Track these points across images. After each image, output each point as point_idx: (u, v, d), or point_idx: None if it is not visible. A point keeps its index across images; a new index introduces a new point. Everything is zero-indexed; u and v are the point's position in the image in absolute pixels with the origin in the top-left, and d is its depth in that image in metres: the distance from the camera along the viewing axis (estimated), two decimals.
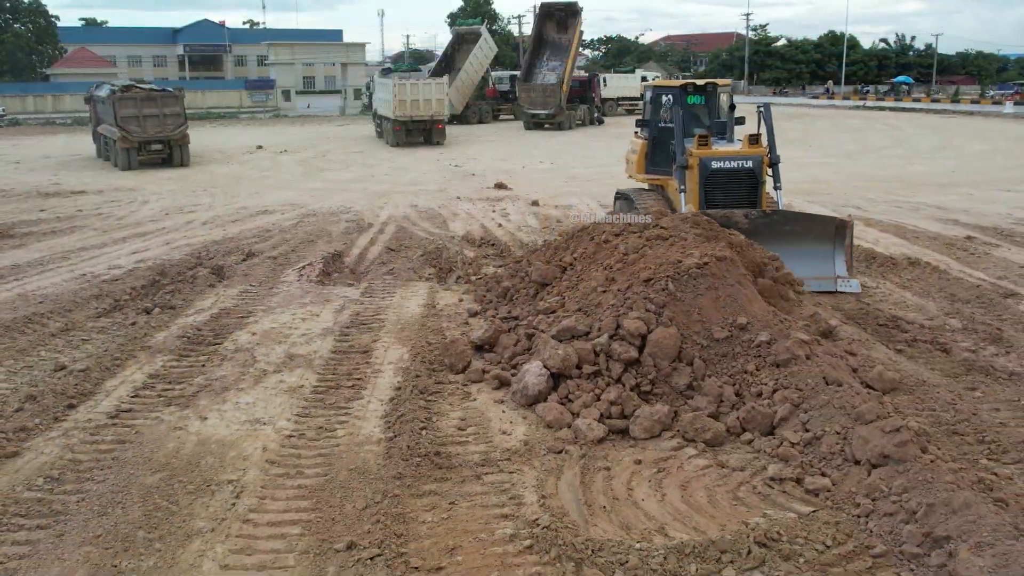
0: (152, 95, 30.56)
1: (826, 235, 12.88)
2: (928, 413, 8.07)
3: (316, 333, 10.82)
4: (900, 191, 23.63)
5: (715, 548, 5.77)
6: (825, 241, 12.85)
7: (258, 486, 6.80)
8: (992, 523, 5.62)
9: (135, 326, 11.16)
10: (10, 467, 7.17)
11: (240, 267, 14.44)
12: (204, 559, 5.79)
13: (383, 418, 8.09)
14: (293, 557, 5.81)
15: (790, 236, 12.54)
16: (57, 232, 18.27)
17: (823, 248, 12.80)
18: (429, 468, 7.05)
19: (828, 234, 12.88)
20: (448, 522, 6.26)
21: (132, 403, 8.55)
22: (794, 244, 12.39)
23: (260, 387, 8.98)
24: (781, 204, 13.91)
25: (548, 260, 11.48)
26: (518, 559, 5.78)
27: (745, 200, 13.50)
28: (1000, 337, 10.46)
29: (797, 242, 12.49)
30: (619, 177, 25.62)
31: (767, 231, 12.38)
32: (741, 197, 13.51)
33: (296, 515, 6.36)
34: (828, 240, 12.85)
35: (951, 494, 6.00)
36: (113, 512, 6.38)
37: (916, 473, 6.33)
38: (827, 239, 12.86)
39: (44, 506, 6.52)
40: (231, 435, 7.77)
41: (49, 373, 9.38)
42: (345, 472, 6.99)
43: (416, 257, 15.05)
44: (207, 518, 6.31)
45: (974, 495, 6.02)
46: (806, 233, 12.81)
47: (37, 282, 13.60)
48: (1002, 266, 14.35)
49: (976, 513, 5.76)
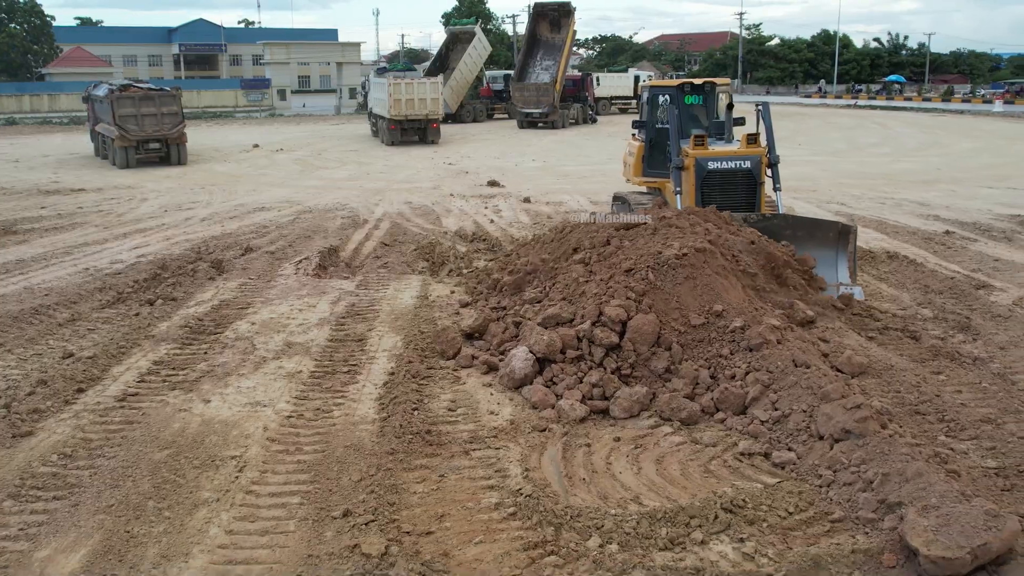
0: (150, 94, 30.96)
1: (828, 240, 12.22)
2: (893, 395, 8.54)
3: (313, 323, 11.27)
4: (884, 188, 24.12)
5: (685, 514, 6.22)
6: (827, 247, 12.17)
7: (260, 461, 7.24)
8: (941, 490, 6.07)
9: (139, 316, 11.60)
10: (25, 445, 7.60)
11: (239, 261, 14.87)
12: (210, 525, 6.23)
13: (377, 400, 8.54)
14: (293, 523, 6.25)
15: (790, 241, 11.76)
16: (59, 228, 18.68)
17: (825, 254, 12.08)
18: (420, 445, 7.50)
19: (830, 239, 12.23)
20: (437, 493, 6.71)
21: (138, 387, 9.00)
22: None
23: (260, 373, 9.43)
24: (781, 206, 13.75)
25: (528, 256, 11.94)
26: (502, 525, 6.23)
27: (743, 202, 13.20)
28: (968, 325, 10.93)
29: (798, 247, 11.72)
30: (611, 175, 26.12)
31: (766, 235, 11.52)
32: (739, 199, 13.20)
33: (296, 487, 6.80)
34: (830, 246, 12.20)
35: (905, 464, 6.46)
36: (124, 485, 6.82)
37: (874, 446, 6.78)
38: (829, 245, 12.20)
39: (59, 480, 6.96)
40: (233, 416, 8.22)
41: (58, 360, 9.81)
42: (341, 449, 7.44)
43: (410, 252, 15.51)
44: (212, 490, 6.76)
45: (927, 465, 6.47)
46: (807, 238, 12.10)
47: (42, 276, 14.02)
48: (977, 259, 14.84)
49: (927, 481, 6.22)
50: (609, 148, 36.75)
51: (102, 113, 32.59)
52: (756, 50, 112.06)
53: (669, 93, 14.89)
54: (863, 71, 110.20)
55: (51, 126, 56.37)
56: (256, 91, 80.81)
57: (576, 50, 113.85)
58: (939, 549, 5.37)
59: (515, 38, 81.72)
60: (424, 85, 39.87)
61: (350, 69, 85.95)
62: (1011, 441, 7.49)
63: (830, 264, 12.13)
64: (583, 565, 5.68)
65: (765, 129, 13.74)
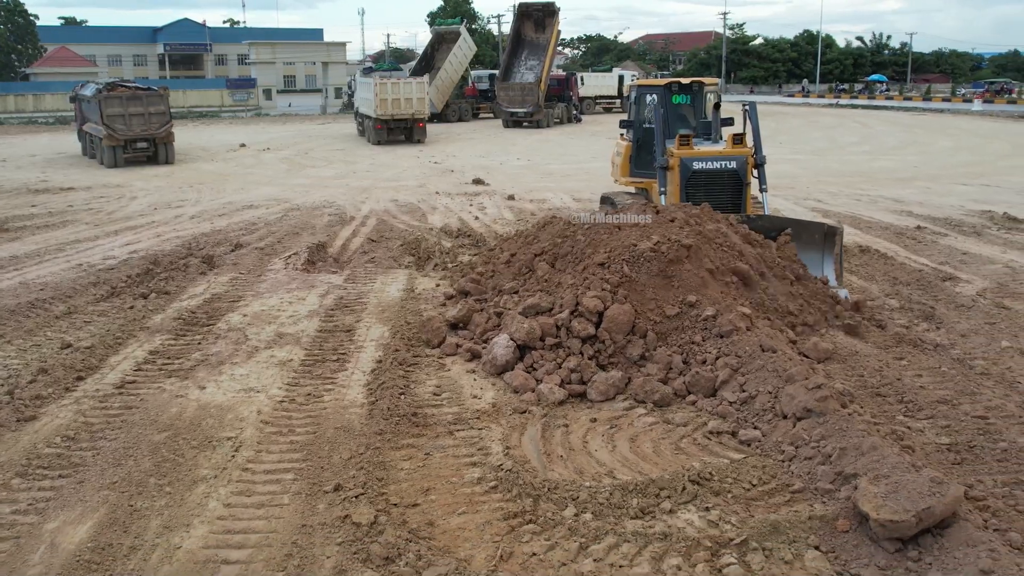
0: (137, 94, 31.19)
1: (814, 242, 12.15)
2: (856, 378, 9.01)
3: (303, 315, 11.65)
4: (861, 185, 24.67)
5: (655, 486, 6.65)
6: (813, 248, 12.11)
7: (255, 442, 7.63)
8: (893, 462, 6.51)
9: (133, 309, 11.95)
10: (30, 428, 7.96)
11: (229, 257, 15.23)
12: (209, 499, 6.62)
13: (365, 386, 8.94)
14: (287, 497, 6.65)
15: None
16: (50, 226, 18.97)
17: (811, 255, 12.01)
18: (407, 426, 7.91)
19: (816, 241, 12.18)
20: (423, 469, 7.12)
21: (136, 375, 9.36)
22: None
23: (253, 361, 9.81)
24: (767, 207, 13.71)
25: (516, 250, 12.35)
26: (484, 497, 6.64)
27: (728, 203, 13.04)
28: (932, 315, 11.41)
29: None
30: (594, 174, 26.63)
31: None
32: (724, 199, 13.03)
33: (289, 464, 7.20)
34: (816, 247, 12.15)
35: (862, 440, 6.90)
36: (126, 464, 7.20)
37: (833, 423, 7.23)
38: (815, 246, 12.14)
39: (64, 460, 7.33)
40: (228, 401, 8.60)
41: (56, 351, 10.16)
42: (332, 430, 7.84)
43: (396, 247, 15.91)
44: (210, 467, 7.14)
45: (882, 440, 6.92)
46: (793, 239, 11.91)
47: (36, 271, 14.34)
48: (946, 253, 15.35)
49: (881, 455, 6.66)
50: (593, 147, 37.26)
51: (90, 113, 32.79)
52: (740, 50, 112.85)
53: (656, 92, 14.78)
54: (846, 71, 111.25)
55: (37, 126, 56.34)
56: (242, 91, 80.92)
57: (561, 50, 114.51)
58: (887, 513, 5.80)
59: (500, 38, 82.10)
60: (410, 85, 40.22)
61: (336, 69, 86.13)
62: (964, 420, 7.95)
63: (816, 265, 12.02)
64: (559, 532, 6.10)
65: (752, 129, 13.69)
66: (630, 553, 5.85)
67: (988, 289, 12.77)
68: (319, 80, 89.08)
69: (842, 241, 12.25)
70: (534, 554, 5.85)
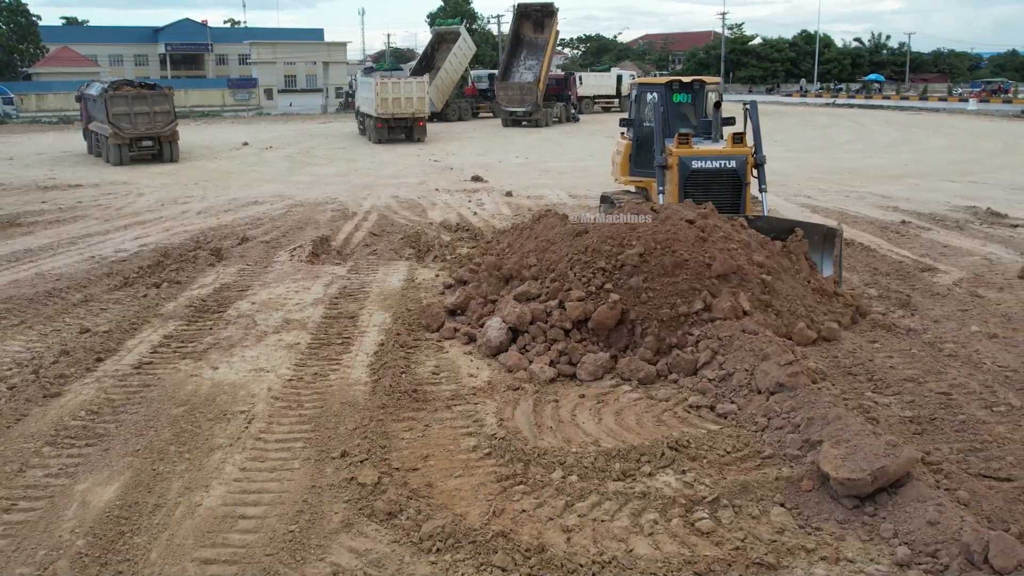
0: (143, 93, 31.74)
1: (813, 243, 12.10)
2: (830, 359, 9.58)
3: (308, 303, 12.23)
4: (851, 182, 25.24)
5: (636, 452, 7.22)
6: (813, 249, 12.07)
7: (266, 415, 8.20)
8: (856, 430, 7.06)
9: (146, 298, 12.53)
10: (55, 404, 8.53)
11: (236, 250, 15.80)
12: (226, 464, 7.19)
13: (369, 366, 9.51)
14: (298, 463, 7.22)
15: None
16: (61, 221, 19.54)
17: (811, 256, 11.98)
18: (408, 401, 8.48)
19: (815, 243, 12.15)
20: (423, 439, 7.69)
21: (152, 357, 9.93)
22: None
23: (262, 344, 10.38)
24: (766, 207, 13.59)
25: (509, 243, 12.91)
26: (478, 463, 7.21)
27: (728, 203, 12.93)
28: (909, 302, 11.97)
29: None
30: (591, 171, 27.21)
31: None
32: (723, 199, 12.90)
33: (299, 435, 7.77)
34: (816, 248, 12.14)
35: (828, 410, 7.47)
36: (147, 434, 7.77)
37: (803, 397, 7.79)
38: (815, 247, 12.12)
39: (89, 431, 7.90)
40: (240, 379, 9.17)
41: (76, 335, 10.73)
42: (338, 405, 8.41)
43: (397, 240, 16.49)
44: (226, 437, 7.71)
45: (847, 411, 7.48)
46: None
47: (51, 263, 14.91)
48: (927, 246, 15.91)
49: (845, 424, 7.22)
50: (590, 146, 37.86)
51: (96, 112, 33.36)
52: (738, 49, 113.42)
53: (657, 91, 14.64)
54: (844, 70, 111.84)
55: (41, 125, 56.92)
56: (243, 90, 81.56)
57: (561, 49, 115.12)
58: (845, 472, 6.37)
59: (499, 38, 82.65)
60: (410, 84, 40.80)
61: (336, 68, 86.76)
62: (928, 396, 8.51)
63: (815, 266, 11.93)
64: (547, 492, 6.66)
65: (752, 128, 13.60)
66: (611, 510, 6.42)
67: (964, 279, 13.33)
68: (320, 80, 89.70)
69: (842, 243, 12.17)
70: (524, 511, 6.41)
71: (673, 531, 6.14)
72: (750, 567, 5.68)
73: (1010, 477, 6.85)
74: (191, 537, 6.08)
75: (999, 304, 11.94)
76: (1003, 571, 5.34)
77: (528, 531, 6.11)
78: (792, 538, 6.05)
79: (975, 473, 6.91)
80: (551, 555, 5.78)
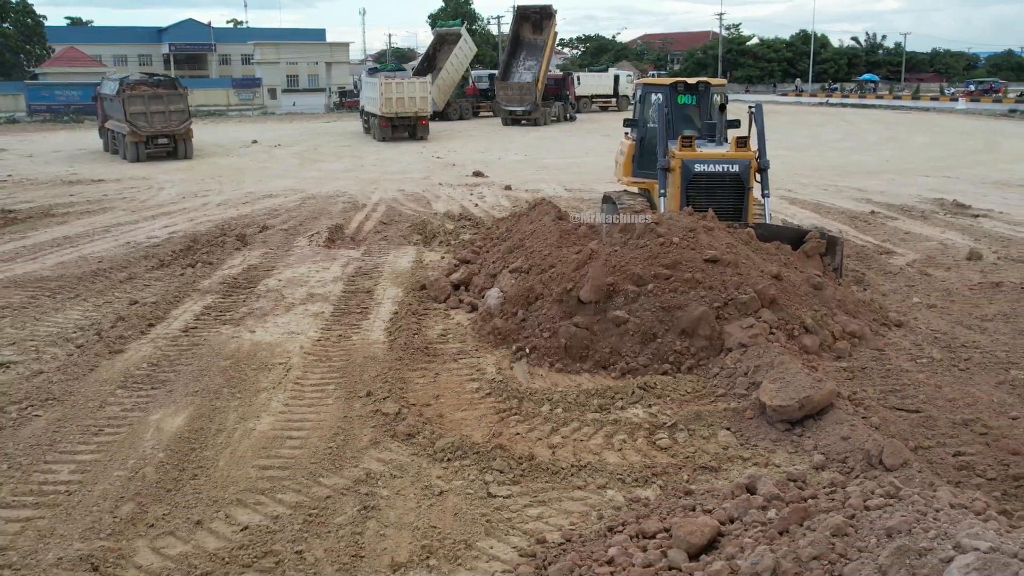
0: (159, 93, 33.21)
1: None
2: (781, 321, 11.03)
3: (329, 280, 13.72)
4: (832, 177, 26.71)
5: (611, 391, 8.72)
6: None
7: (301, 366, 9.70)
8: (794, 371, 8.55)
9: (183, 276, 14.03)
10: (120, 359, 10.01)
11: (258, 236, 17.30)
12: (271, 401, 8.68)
13: (385, 330, 11.01)
14: (331, 400, 8.71)
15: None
16: (91, 212, 21.03)
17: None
18: (420, 355, 9.98)
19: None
20: (434, 383, 9.19)
21: (196, 323, 11.42)
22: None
23: (291, 313, 11.88)
24: (768, 213, 13.64)
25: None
26: (481, 400, 8.71)
27: (730, 207, 12.94)
28: (862, 279, 13.44)
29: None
30: (586, 168, 28.70)
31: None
32: (726, 204, 12.87)
33: (330, 380, 9.27)
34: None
35: (774, 358, 8.96)
36: (202, 380, 9.26)
37: (754, 350, 9.27)
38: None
39: (152, 378, 9.39)
40: (275, 340, 10.67)
41: (126, 306, 12.23)
42: (361, 358, 9.90)
43: (405, 228, 18.00)
44: (269, 382, 9.21)
45: (791, 359, 8.97)
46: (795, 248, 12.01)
47: (90, 248, 16.41)
48: (890, 233, 17.40)
49: (786, 368, 8.70)
50: (587, 144, 39.34)
51: (112, 111, 34.84)
52: (736, 49, 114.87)
53: (662, 92, 14.45)
54: (840, 70, 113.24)
55: (52, 124, 58.34)
56: (247, 90, 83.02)
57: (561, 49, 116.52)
58: (778, 400, 7.86)
59: (499, 38, 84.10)
60: (413, 84, 42.29)
61: (339, 69, 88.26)
62: (864, 352, 9.99)
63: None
64: (537, 420, 8.15)
65: (757, 132, 13.47)
66: (589, 433, 7.91)
67: (917, 260, 14.83)
68: (322, 80, 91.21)
69: (843, 250, 12.46)
70: (517, 433, 7.91)
71: (638, 447, 7.63)
72: (696, 470, 7.17)
73: (919, 409, 8.33)
74: (250, 451, 7.57)
75: (943, 281, 13.42)
76: (892, 467, 6.81)
77: (521, 447, 7.60)
78: (733, 452, 7.54)
79: (890, 407, 8.40)
80: (539, 461, 7.27)
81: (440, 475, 7.11)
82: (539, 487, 6.91)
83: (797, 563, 4.30)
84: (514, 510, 6.55)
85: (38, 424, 8.15)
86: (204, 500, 6.73)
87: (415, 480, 7.02)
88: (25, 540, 6.19)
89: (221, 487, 6.93)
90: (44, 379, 9.34)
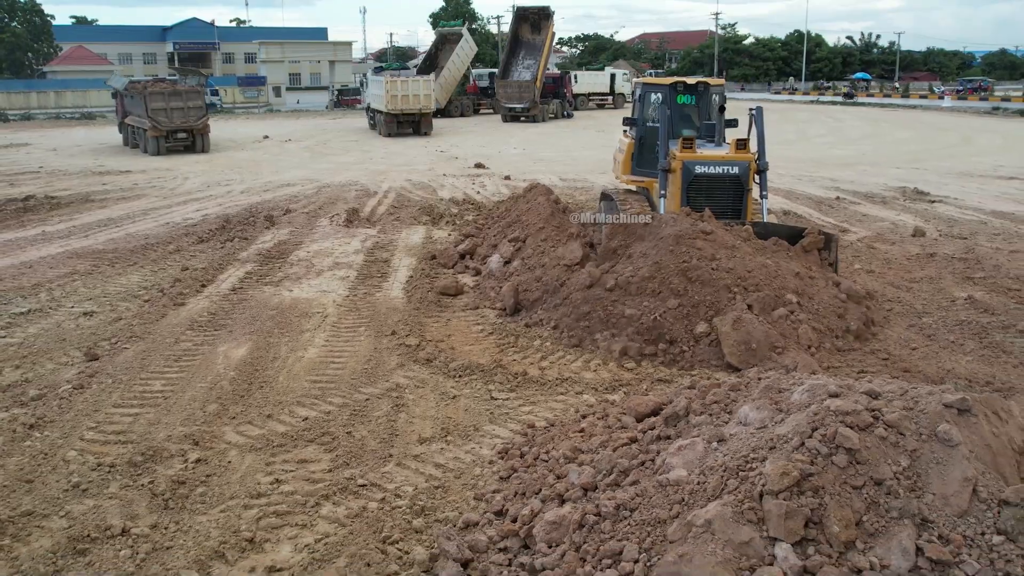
0: (178, 90, 35.22)
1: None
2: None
3: (351, 252, 15.75)
4: (808, 168, 28.71)
5: None
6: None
7: (336, 315, 11.73)
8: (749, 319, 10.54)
9: (224, 248, 16.07)
10: (183, 310, 12.03)
11: (284, 218, 19.32)
12: (315, 338, 10.70)
13: (403, 289, 13.05)
14: (363, 337, 10.73)
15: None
16: (127, 198, 23.04)
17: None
18: (434, 306, 12.02)
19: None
20: (447, 327, 11.22)
21: (242, 284, 13.44)
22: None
23: (321, 277, 13.90)
24: (766, 214, 13.82)
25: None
26: (485, 338, 10.73)
27: (729, 208, 13.13)
28: None
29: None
30: (580, 160, 30.72)
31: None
32: (725, 205, 13.08)
33: (360, 323, 11.29)
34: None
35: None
36: (255, 324, 11.28)
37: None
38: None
39: (214, 323, 11.40)
40: (311, 296, 12.69)
41: (179, 271, 14.25)
42: (385, 309, 11.94)
43: (415, 210, 20.04)
44: (310, 326, 11.23)
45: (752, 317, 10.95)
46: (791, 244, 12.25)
47: (134, 228, 18.42)
48: (849, 215, 19.42)
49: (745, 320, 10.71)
50: (582, 139, 41.36)
51: (133, 107, 36.82)
52: (732, 48, 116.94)
53: (661, 92, 14.49)
54: (835, 69, 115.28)
55: (65, 120, 60.34)
56: (252, 88, 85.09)
57: (559, 48, 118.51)
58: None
59: (499, 37, 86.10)
60: (417, 82, 44.34)
61: (342, 67, 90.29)
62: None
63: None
64: (530, 351, 10.18)
65: (757, 134, 13.60)
66: (571, 360, 9.94)
67: (867, 237, 16.83)
68: (324, 78, 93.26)
69: (838, 247, 12.78)
70: (514, 359, 9.93)
71: (609, 369, 9.66)
72: (654, 383, 9.19)
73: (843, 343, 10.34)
74: (302, 371, 9.59)
75: (886, 253, 15.44)
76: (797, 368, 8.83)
77: (516, 367, 9.64)
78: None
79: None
80: (530, 376, 9.31)
81: (453, 385, 9.13)
82: (530, 393, 8.93)
83: (703, 405, 6.34)
84: (511, 407, 8.57)
85: (128, 354, 10.17)
86: (271, 402, 8.74)
87: (434, 389, 9.05)
88: (139, 426, 8.19)
89: (283, 394, 8.95)
90: (125, 324, 11.37)
